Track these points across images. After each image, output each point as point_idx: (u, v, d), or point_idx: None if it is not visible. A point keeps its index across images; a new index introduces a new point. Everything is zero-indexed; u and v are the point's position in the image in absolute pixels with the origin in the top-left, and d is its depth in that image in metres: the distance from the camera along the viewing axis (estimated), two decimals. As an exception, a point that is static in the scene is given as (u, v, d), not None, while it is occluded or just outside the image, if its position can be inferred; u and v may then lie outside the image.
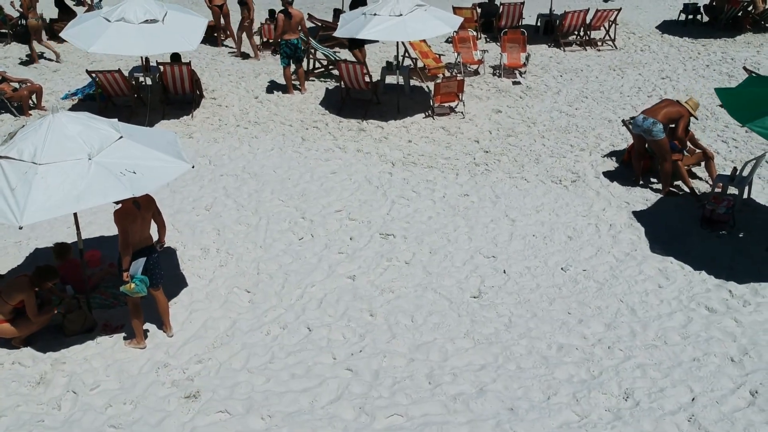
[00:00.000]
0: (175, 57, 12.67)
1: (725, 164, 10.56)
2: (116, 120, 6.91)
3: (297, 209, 9.60)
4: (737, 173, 9.35)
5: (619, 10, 16.46)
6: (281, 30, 12.98)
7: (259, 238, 8.93)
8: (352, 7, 14.98)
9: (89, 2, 19.12)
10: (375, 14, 11.85)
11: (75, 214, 6.93)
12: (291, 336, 7.13)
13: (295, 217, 9.40)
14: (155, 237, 7.11)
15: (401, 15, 11.75)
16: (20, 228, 5.80)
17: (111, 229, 8.69)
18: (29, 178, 5.95)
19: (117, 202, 6.42)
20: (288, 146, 11.57)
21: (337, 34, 12.76)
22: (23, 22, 15.87)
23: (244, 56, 15.88)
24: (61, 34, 11.74)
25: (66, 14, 16.37)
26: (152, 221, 6.96)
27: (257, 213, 9.53)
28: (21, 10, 15.54)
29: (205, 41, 15.42)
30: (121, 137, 6.50)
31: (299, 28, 13.16)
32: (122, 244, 6.45)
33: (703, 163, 10.19)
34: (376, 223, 9.21)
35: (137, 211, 6.59)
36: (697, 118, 10.10)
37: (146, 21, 11.20)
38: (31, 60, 15.18)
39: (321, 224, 9.22)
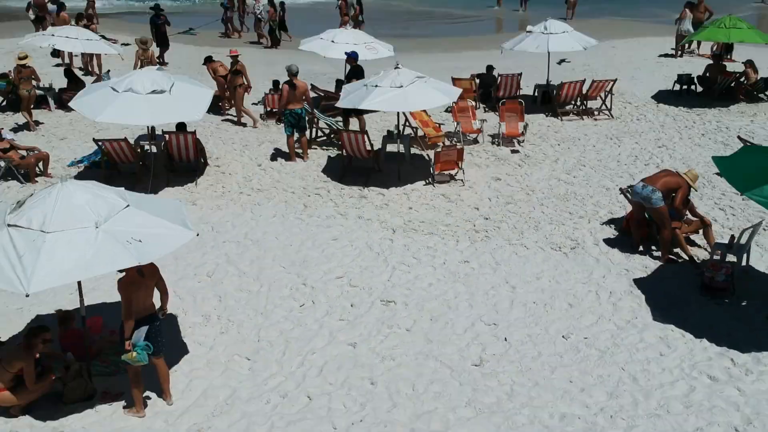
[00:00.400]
0: (181, 126, 12.95)
1: (723, 232, 10.67)
2: (123, 189, 7.05)
3: (298, 276, 9.66)
4: (735, 241, 9.44)
5: (615, 80, 16.87)
6: (285, 100, 13.31)
7: (260, 304, 8.96)
8: (348, 78, 15.39)
9: (97, 72, 19.61)
10: (376, 86, 12.18)
11: (79, 281, 6.99)
12: (291, 405, 7.09)
13: (297, 284, 9.45)
14: (157, 304, 7.15)
15: (402, 86, 12.07)
16: (27, 296, 5.86)
17: (114, 296, 8.71)
18: (37, 245, 6.05)
19: (121, 270, 6.50)
20: (290, 213, 11.71)
21: (339, 104, 13.08)
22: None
23: (243, 125, 16.21)
24: (70, 104, 12.03)
25: (75, 84, 16.79)
26: (155, 288, 7.02)
27: (259, 280, 9.59)
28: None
29: (209, 110, 15.73)
30: (128, 206, 6.63)
31: (303, 98, 13.50)
32: (125, 312, 6.50)
33: (701, 231, 10.29)
34: (377, 290, 9.25)
35: (141, 279, 6.66)
36: (696, 190, 10.27)
37: (153, 91, 11.49)
38: (25, 127, 15.43)
39: (322, 291, 9.26)
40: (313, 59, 18.58)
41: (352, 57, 15.44)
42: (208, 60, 17.11)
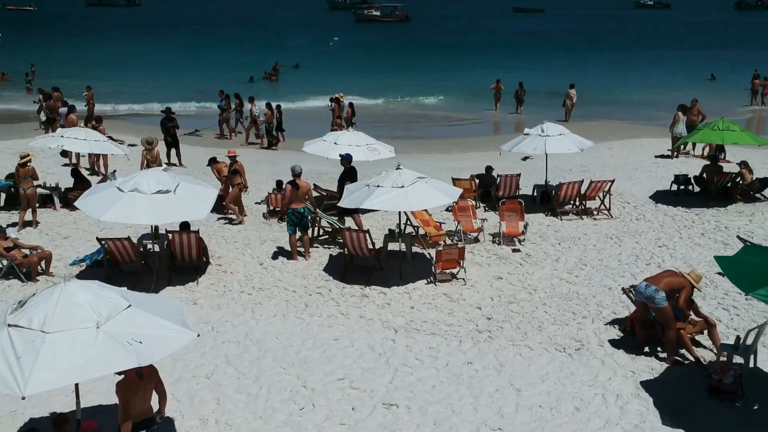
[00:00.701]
0: (185, 225, 13.06)
1: (728, 332, 10.56)
2: (126, 288, 7.04)
3: (299, 377, 9.49)
4: (741, 342, 9.33)
5: (613, 181, 17.15)
6: (288, 200, 13.50)
7: (259, 408, 8.76)
8: (341, 179, 15.67)
9: (104, 172, 19.96)
10: (378, 186, 12.37)
11: (76, 383, 6.86)
12: None
13: (297, 386, 9.27)
14: (155, 407, 6.99)
15: (403, 187, 12.26)
16: (23, 398, 5.74)
17: (110, 398, 8.52)
18: (36, 346, 5.98)
19: (119, 372, 6.40)
20: (291, 312, 11.63)
21: (342, 204, 13.24)
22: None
23: (230, 220, 16.39)
24: (76, 203, 12.19)
25: (81, 184, 17.04)
26: (153, 391, 6.88)
27: (258, 381, 9.41)
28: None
29: (213, 209, 15.92)
30: (129, 306, 6.60)
31: (306, 197, 13.69)
32: (122, 416, 6.36)
33: (706, 332, 10.19)
34: (378, 392, 9.07)
35: (140, 382, 6.55)
36: (699, 290, 10.26)
37: (158, 191, 11.66)
38: (29, 224, 15.57)
39: (323, 393, 9.08)
40: (316, 159, 18.93)
41: (345, 159, 15.79)
42: (213, 161, 17.46)
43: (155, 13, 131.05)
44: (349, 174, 15.74)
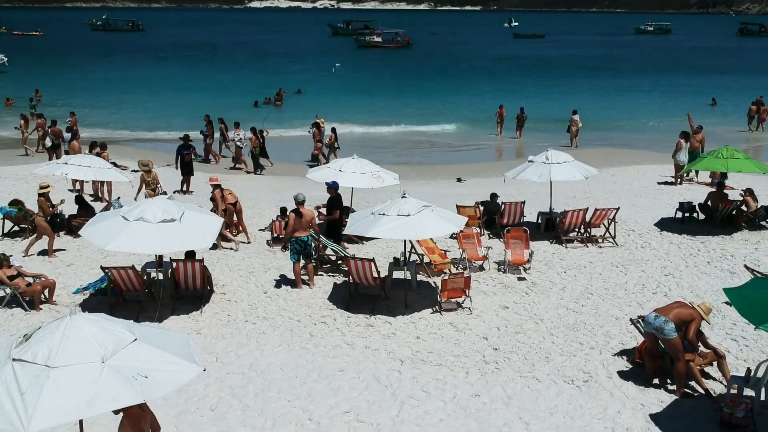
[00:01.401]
0: (189, 253, 13.01)
1: (737, 363, 10.45)
2: (132, 321, 6.98)
3: (304, 410, 9.37)
4: (752, 374, 9.22)
5: (617, 209, 17.11)
6: (292, 228, 13.46)
7: (265, 441, 8.64)
8: (329, 207, 15.63)
9: (107, 199, 19.96)
10: (383, 214, 12.34)
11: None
12: None
13: (302, 419, 9.15)
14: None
15: (409, 215, 12.23)
16: (26, 436, 5.65)
17: (114, 430, 8.42)
18: (41, 381, 5.90)
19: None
20: (296, 343, 11.53)
21: (347, 231, 13.20)
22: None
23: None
24: (81, 232, 12.15)
25: (85, 211, 17.03)
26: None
27: (263, 414, 9.29)
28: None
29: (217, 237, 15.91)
30: (135, 339, 6.53)
31: (310, 226, 13.65)
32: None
33: (715, 363, 10.09)
34: (385, 426, 8.95)
35: (143, 413, 6.47)
36: (709, 323, 10.17)
37: (164, 220, 11.63)
38: (27, 251, 15.58)
39: (328, 427, 8.96)
40: (320, 186, 18.94)
41: (332, 187, 15.78)
42: (217, 188, 17.44)
43: (160, 38, 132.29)
44: (334, 202, 15.69)
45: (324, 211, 16.55)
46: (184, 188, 22.17)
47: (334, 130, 28.60)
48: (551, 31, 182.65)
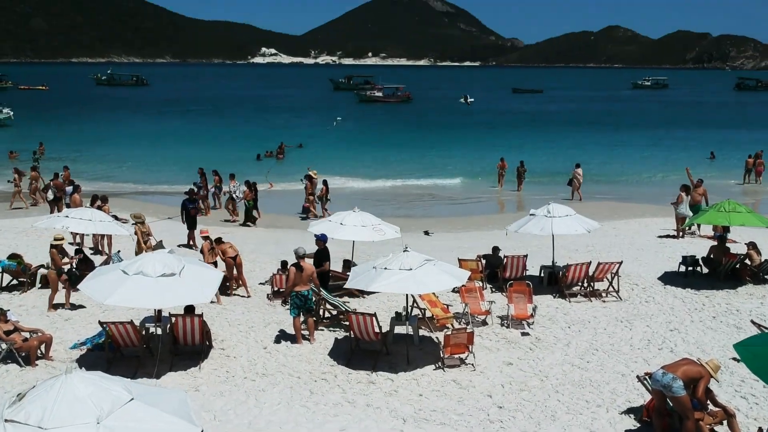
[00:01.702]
0: (189, 308, 12.86)
1: (748, 422, 10.22)
2: (129, 379, 6.82)
3: (304, 471, 9.10)
4: (764, 435, 8.99)
5: (620, 263, 17.00)
6: (292, 282, 13.33)
7: (263, 504, 8.35)
8: (316, 260, 15.47)
9: (107, 253, 19.88)
10: (385, 268, 12.24)
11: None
12: None
13: (302, 480, 8.88)
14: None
15: (411, 269, 12.12)
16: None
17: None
18: (32, 444, 5.73)
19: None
20: (295, 400, 11.28)
21: (348, 285, 13.07)
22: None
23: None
24: (80, 286, 12.03)
25: (84, 264, 16.92)
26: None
27: (262, 475, 9.02)
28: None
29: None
30: (131, 399, 6.37)
31: (310, 280, 13.53)
32: None
33: (725, 422, 9.84)
34: (387, 488, 8.67)
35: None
36: (717, 380, 9.96)
37: (163, 275, 11.52)
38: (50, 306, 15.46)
39: (329, 488, 8.68)
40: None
41: (320, 240, 15.70)
42: (218, 242, 17.39)
43: (164, 92, 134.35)
44: (322, 254, 15.57)
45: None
46: (190, 243, 22.05)
47: (325, 182, 28.85)
48: (550, 86, 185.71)
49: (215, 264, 16.66)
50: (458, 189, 37.70)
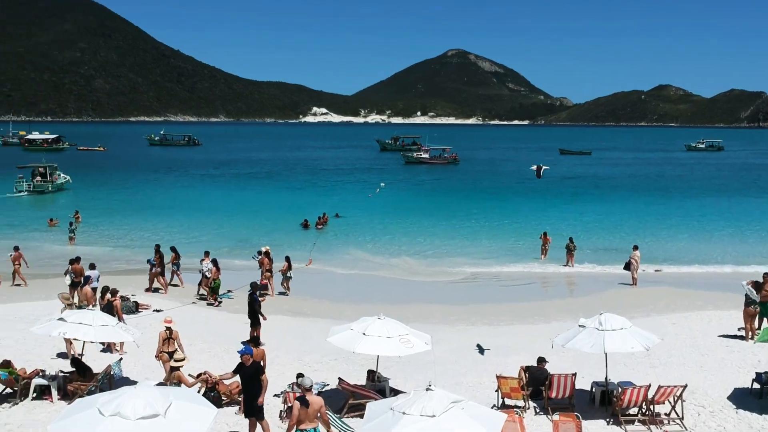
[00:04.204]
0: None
1: None
2: None
3: None
4: None
5: (685, 386, 14.71)
6: (296, 419, 11.48)
7: None
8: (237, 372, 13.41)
9: (117, 348, 18.47)
10: (404, 413, 10.32)
11: None
12: None
13: None
14: None
15: (434, 416, 10.17)
16: None
17: None
18: None
19: None
20: None
21: (362, 430, 11.17)
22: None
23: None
24: (49, 428, 10.43)
25: (82, 373, 15.45)
26: None
27: None
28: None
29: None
30: None
31: (318, 415, 11.69)
32: None
33: None
34: None
35: None
36: None
37: (143, 417, 9.85)
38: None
39: None
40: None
41: (245, 353, 13.18)
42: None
43: (215, 153, 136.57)
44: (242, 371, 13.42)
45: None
46: (255, 336, 19.90)
47: (287, 258, 27.84)
48: (599, 146, 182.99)
49: (170, 354, 15.97)
50: (502, 259, 35.67)
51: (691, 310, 25.10)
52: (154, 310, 23.72)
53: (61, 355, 18.25)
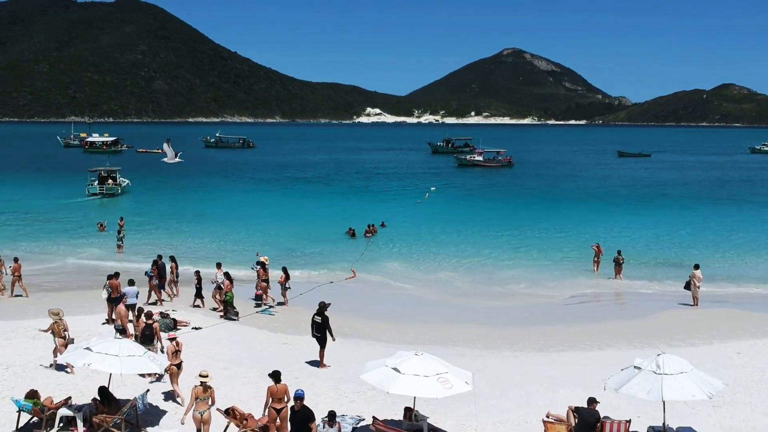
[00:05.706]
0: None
1: None
2: None
3: None
4: None
5: (753, 439, 13.36)
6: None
7: None
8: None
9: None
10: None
11: None
12: None
13: None
14: None
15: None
16: None
17: None
18: None
19: None
20: None
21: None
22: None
23: None
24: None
25: (107, 404, 14.91)
26: None
27: None
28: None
29: None
30: None
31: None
32: None
33: None
34: None
35: None
36: None
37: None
38: None
39: None
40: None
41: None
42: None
43: (269, 156, 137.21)
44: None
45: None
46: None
47: (284, 269, 27.14)
48: (659, 148, 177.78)
49: (178, 366, 16.25)
50: (552, 278, 33.90)
51: (757, 337, 23.36)
52: (192, 328, 23.25)
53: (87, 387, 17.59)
